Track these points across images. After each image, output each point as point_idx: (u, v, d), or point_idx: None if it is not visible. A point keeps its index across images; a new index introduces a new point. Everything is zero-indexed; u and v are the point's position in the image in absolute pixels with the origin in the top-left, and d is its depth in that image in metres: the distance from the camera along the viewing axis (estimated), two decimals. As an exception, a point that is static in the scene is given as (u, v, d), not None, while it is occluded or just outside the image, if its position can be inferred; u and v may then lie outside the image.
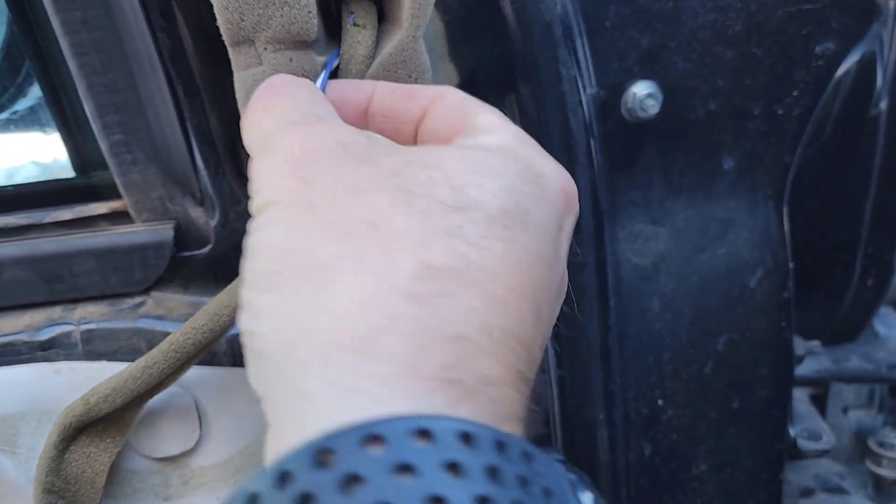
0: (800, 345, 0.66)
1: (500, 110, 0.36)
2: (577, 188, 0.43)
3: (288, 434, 0.24)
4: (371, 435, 0.22)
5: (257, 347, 0.27)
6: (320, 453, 0.22)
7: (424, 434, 0.22)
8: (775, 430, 0.58)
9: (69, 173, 0.52)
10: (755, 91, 0.52)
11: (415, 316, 0.25)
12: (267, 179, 0.29)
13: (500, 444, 0.23)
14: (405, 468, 0.21)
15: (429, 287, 0.25)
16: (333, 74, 0.43)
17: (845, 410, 0.78)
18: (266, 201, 0.29)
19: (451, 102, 0.36)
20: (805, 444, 0.63)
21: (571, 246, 0.33)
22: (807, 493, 0.72)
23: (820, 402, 0.76)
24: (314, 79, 0.41)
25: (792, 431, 0.63)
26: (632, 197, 0.53)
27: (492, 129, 0.33)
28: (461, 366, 0.25)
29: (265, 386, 0.27)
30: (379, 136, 0.33)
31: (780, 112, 0.53)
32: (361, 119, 0.37)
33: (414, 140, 0.37)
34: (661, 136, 0.52)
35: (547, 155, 0.33)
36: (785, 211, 0.56)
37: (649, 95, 0.49)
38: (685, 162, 0.53)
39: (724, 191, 0.55)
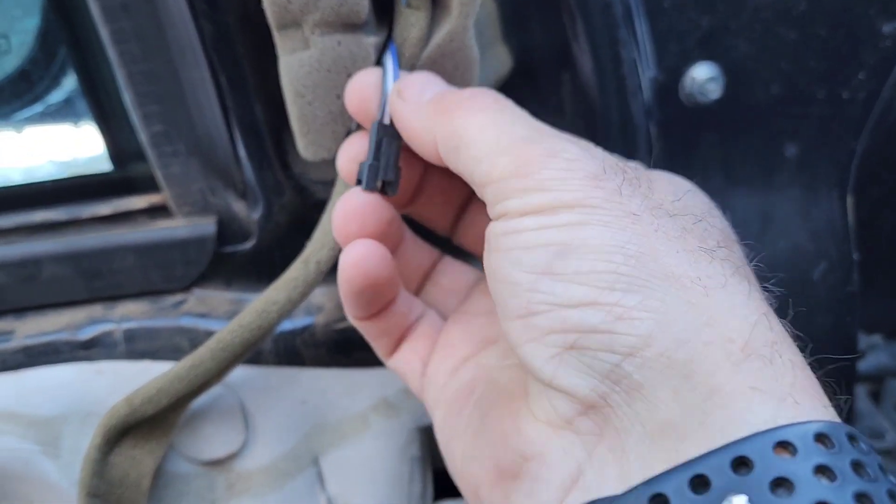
0: (861, 340, 0.63)
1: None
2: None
3: (703, 432, 0.25)
4: (820, 433, 0.24)
5: (627, 344, 0.27)
6: (777, 445, 0.24)
7: (852, 438, 0.25)
8: (838, 429, 0.56)
9: (92, 170, 0.50)
10: (819, 74, 0.49)
11: (779, 333, 0.28)
12: (561, 181, 0.29)
13: (852, 438, 0.25)
14: (860, 466, 0.24)
15: (756, 307, 0.28)
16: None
17: (898, 406, 0.75)
18: (567, 202, 0.29)
19: None
20: (868, 444, 0.60)
21: None
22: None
23: (875, 397, 0.74)
24: (365, 63, 0.39)
25: (854, 430, 0.60)
26: (689, 186, 0.51)
27: None
28: (813, 381, 0.27)
29: (625, 385, 0.27)
30: None
31: (845, 96, 0.50)
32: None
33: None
34: (720, 123, 0.50)
35: None
36: (849, 201, 0.53)
37: (711, 79, 0.47)
38: (745, 149, 0.51)
39: (786, 180, 0.52)
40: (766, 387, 0.25)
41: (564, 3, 0.43)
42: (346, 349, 0.49)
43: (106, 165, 0.50)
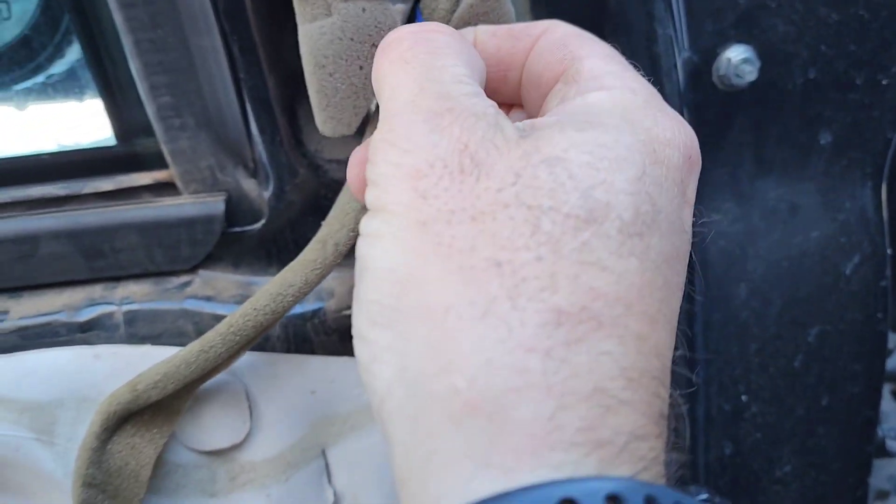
0: (889, 338, 0.61)
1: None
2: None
3: (420, 501, 0.22)
4: None
5: (378, 390, 0.24)
6: None
7: (570, 503, 0.20)
8: (865, 429, 0.54)
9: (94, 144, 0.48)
10: (859, 58, 0.47)
11: (546, 372, 0.22)
12: (386, 177, 0.26)
13: (651, 500, 0.20)
14: None
15: (559, 337, 0.22)
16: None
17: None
18: (381, 204, 0.26)
19: (554, 40, 0.31)
20: (894, 446, 0.58)
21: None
22: (882, 495, 0.68)
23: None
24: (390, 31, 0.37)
25: (879, 431, 0.58)
26: (719, 174, 0.49)
27: (600, 80, 0.28)
28: (603, 424, 0.22)
29: (390, 432, 0.24)
30: (500, 115, 0.27)
31: (884, 82, 0.48)
32: None
33: (520, 86, 0.33)
34: (754, 107, 0.47)
35: (663, 106, 0.28)
36: (884, 192, 0.51)
37: (746, 60, 0.45)
38: (779, 136, 0.49)
39: (820, 168, 0.50)
40: (476, 451, 0.22)
41: (599, -26, 0.40)
42: (358, 337, 0.46)
43: (109, 140, 0.47)
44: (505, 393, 0.22)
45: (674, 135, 0.27)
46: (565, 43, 0.31)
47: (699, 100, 0.46)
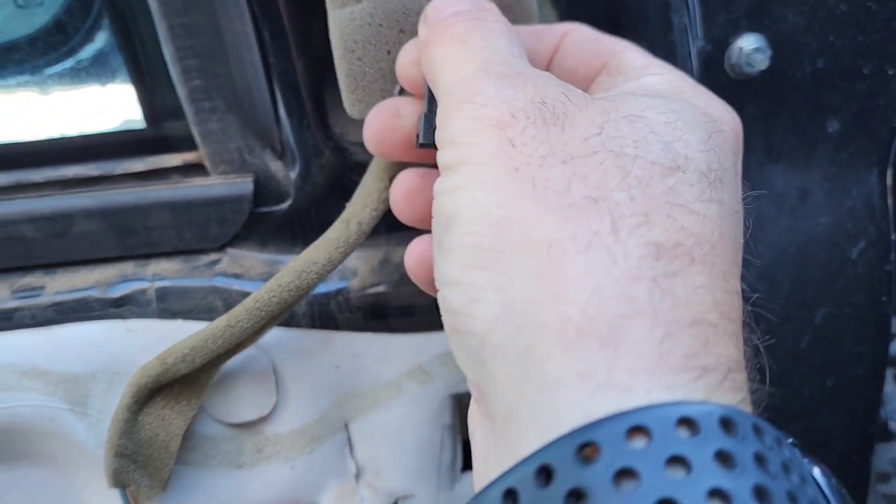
0: (893, 322, 0.63)
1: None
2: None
3: (535, 426, 0.23)
4: (635, 426, 0.21)
5: (476, 331, 0.25)
6: (582, 447, 0.21)
7: (687, 423, 0.21)
8: (869, 410, 0.55)
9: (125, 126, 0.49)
10: (867, 48, 0.48)
11: (653, 300, 0.23)
12: (466, 132, 0.27)
13: (758, 430, 0.22)
14: (677, 461, 0.20)
15: (659, 269, 0.24)
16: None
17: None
18: (463, 158, 0.27)
19: (585, 38, 0.33)
20: (896, 427, 0.60)
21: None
22: (883, 477, 0.69)
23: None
24: (419, 17, 0.38)
25: (882, 413, 0.60)
26: (730, 160, 0.50)
27: (648, 68, 0.31)
28: (707, 352, 0.23)
29: (485, 372, 0.25)
30: (563, 82, 0.29)
31: (890, 72, 0.49)
32: None
33: None
34: (763, 96, 0.49)
35: (710, 93, 0.31)
36: (889, 178, 0.53)
37: (757, 50, 0.46)
38: (787, 123, 0.50)
39: (827, 156, 0.51)
40: (592, 373, 0.22)
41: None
42: (380, 314, 0.48)
43: (139, 123, 0.49)
44: (615, 318, 0.23)
45: (724, 113, 0.30)
46: (596, 40, 0.33)
47: (711, 88, 0.47)
